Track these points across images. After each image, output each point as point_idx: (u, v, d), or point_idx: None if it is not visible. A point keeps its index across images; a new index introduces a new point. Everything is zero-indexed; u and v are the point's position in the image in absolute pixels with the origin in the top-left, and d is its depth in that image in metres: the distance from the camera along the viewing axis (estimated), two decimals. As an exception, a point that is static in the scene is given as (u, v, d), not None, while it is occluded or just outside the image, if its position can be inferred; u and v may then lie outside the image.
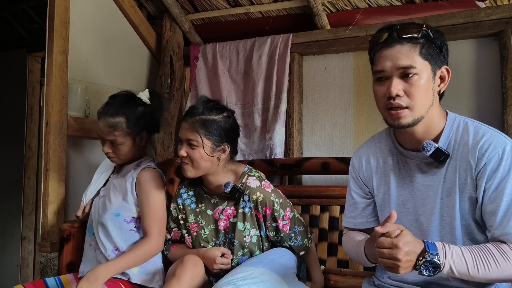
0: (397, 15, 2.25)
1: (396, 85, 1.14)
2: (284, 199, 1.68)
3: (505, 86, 2.00)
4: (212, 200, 1.70)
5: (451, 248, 1.06)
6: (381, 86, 1.18)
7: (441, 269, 1.04)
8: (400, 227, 1.05)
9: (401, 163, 1.28)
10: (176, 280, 1.49)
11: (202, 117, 1.59)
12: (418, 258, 1.03)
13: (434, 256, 1.02)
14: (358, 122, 2.38)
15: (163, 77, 2.70)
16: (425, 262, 1.02)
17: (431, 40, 1.16)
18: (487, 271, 1.05)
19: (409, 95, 1.14)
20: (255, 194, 1.62)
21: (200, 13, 2.69)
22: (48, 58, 2.09)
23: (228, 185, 1.60)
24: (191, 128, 1.59)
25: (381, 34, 1.19)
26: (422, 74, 1.14)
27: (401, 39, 1.15)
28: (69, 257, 1.78)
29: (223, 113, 1.64)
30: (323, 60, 2.49)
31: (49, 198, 2.05)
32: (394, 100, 1.14)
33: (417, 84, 1.14)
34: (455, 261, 1.05)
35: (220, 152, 1.62)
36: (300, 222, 1.70)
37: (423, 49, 1.15)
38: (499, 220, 1.10)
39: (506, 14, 2.02)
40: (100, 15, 2.46)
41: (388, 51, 1.16)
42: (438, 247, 1.05)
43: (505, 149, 1.13)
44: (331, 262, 1.98)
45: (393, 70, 1.15)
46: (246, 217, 1.63)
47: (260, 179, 1.67)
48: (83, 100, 2.29)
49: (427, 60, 1.15)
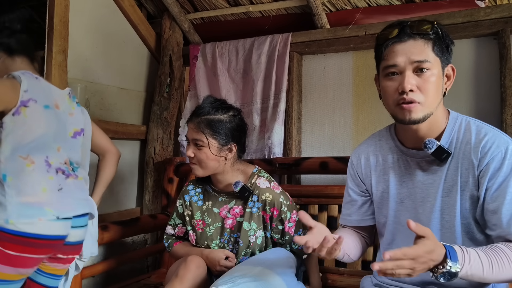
0: (397, 14, 2.25)
1: (410, 80, 1.12)
2: (291, 201, 1.69)
3: (504, 86, 2.00)
4: (220, 198, 1.70)
5: (469, 252, 1.03)
6: (392, 82, 1.16)
7: (457, 276, 1.00)
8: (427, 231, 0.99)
9: (402, 161, 1.28)
10: (179, 281, 1.49)
11: (207, 117, 1.59)
12: (438, 266, 0.99)
13: (455, 265, 0.98)
14: (357, 122, 2.38)
15: (162, 77, 2.71)
16: (444, 272, 0.99)
17: (441, 37, 1.16)
18: (501, 272, 1.04)
19: (422, 90, 1.13)
20: (264, 194, 1.62)
21: (199, 12, 2.69)
22: (48, 57, 2.09)
23: (238, 184, 1.61)
24: (197, 128, 1.59)
25: (391, 29, 1.17)
26: (434, 70, 1.13)
27: (414, 35, 1.14)
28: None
29: (228, 112, 1.64)
30: (322, 60, 2.49)
31: (48, 197, 2.05)
32: (407, 95, 1.13)
33: (430, 80, 1.13)
34: (472, 266, 1.02)
35: (227, 152, 1.63)
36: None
37: (435, 46, 1.14)
38: (502, 220, 1.10)
39: (505, 14, 2.02)
40: (99, 15, 2.46)
41: (401, 46, 1.14)
42: (458, 254, 1.00)
43: (508, 148, 1.13)
44: (329, 261, 1.98)
45: (407, 64, 1.13)
46: (253, 217, 1.63)
47: (269, 180, 1.68)
48: (83, 99, 2.29)
49: (438, 57, 1.15)
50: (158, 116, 2.67)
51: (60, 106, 1.58)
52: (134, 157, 2.72)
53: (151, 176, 2.64)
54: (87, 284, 2.28)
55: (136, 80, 2.75)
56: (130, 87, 2.69)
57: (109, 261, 2.08)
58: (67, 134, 1.60)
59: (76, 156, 1.65)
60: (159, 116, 2.67)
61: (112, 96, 2.55)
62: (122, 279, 2.24)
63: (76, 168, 1.65)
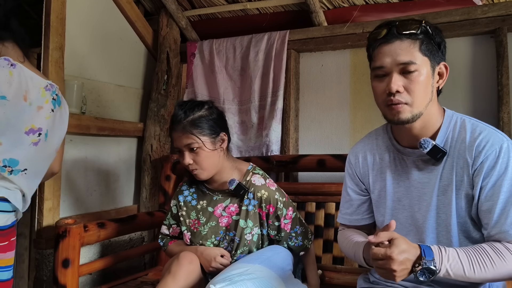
0: (394, 12, 2.25)
1: (396, 81, 1.13)
2: (287, 198, 1.69)
3: (501, 84, 2.00)
4: (215, 197, 1.70)
5: (447, 251, 1.06)
6: (380, 83, 1.18)
7: (437, 274, 1.03)
8: (394, 235, 1.04)
9: (398, 160, 1.28)
10: (172, 277, 1.49)
11: (188, 119, 1.58)
12: (414, 264, 1.03)
13: (430, 262, 1.02)
14: (355, 120, 2.38)
15: (159, 74, 2.70)
16: (421, 269, 1.02)
17: (430, 36, 1.16)
18: (483, 272, 1.05)
19: (409, 91, 1.14)
20: (260, 191, 1.62)
21: (197, 9, 2.68)
22: (44, 54, 2.08)
23: (233, 182, 1.61)
24: (184, 133, 1.58)
25: (380, 30, 1.18)
26: (421, 70, 1.14)
27: (401, 35, 1.15)
28: (64, 254, 1.78)
29: (204, 107, 1.63)
30: (320, 57, 2.49)
31: (45, 194, 2.04)
32: (394, 97, 1.14)
33: (417, 80, 1.13)
34: (451, 265, 1.04)
35: (220, 143, 1.63)
36: (302, 223, 1.71)
37: (422, 45, 1.14)
38: (496, 218, 1.10)
39: (502, 12, 2.02)
40: (96, 11, 2.45)
41: (388, 47, 1.15)
42: (434, 252, 1.04)
43: (502, 146, 1.13)
44: (327, 258, 1.99)
45: (393, 66, 1.14)
46: (249, 214, 1.63)
47: (264, 177, 1.68)
48: (80, 96, 2.28)
49: (426, 56, 1.15)
50: (155, 113, 2.66)
51: (28, 98, 1.46)
52: (131, 155, 2.72)
53: (148, 174, 2.64)
54: (84, 282, 2.28)
55: (133, 77, 2.75)
56: (127, 84, 2.69)
57: (106, 258, 2.08)
58: (21, 129, 1.46)
59: (21, 155, 1.46)
60: (156, 113, 2.66)
61: (109, 93, 2.54)
62: (119, 276, 2.24)
63: (17, 171, 1.46)
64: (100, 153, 2.48)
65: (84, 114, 2.32)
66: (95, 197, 2.44)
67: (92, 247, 2.32)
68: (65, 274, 1.77)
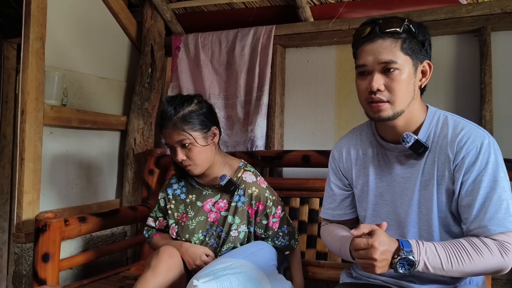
0: (380, 9, 2.26)
1: (377, 80, 1.15)
2: (276, 197, 1.69)
3: (483, 82, 2.03)
4: (204, 192, 1.69)
5: (425, 245, 1.08)
6: (363, 80, 1.19)
7: (416, 266, 1.05)
8: (374, 227, 1.07)
9: (381, 155, 1.30)
10: (152, 271, 1.47)
11: (179, 115, 1.56)
12: (393, 256, 1.05)
13: (408, 253, 1.04)
14: (339, 116, 2.38)
15: (143, 67, 2.66)
16: (400, 259, 1.04)
17: (412, 34, 1.17)
18: (461, 266, 1.07)
19: (390, 90, 1.15)
20: (251, 188, 1.62)
21: (182, 1, 2.65)
22: (24, 45, 2.02)
23: (224, 177, 1.60)
24: (175, 130, 1.55)
25: (364, 28, 1.19)
26: (403, 69, 1.15)
27: (383, 34, 1.15)
28: (44, 248, 1.75)
29: (193, 101, 1.61)
30: (306, 53, 2.48)
31: (24, 188, 2.00)
32: (375, 95, 1.15)
33: (398, 79, 1.14)
34: (429, 258, 1.06)
35: (211, 137, 1.62)
36: (289, 223, 1.71)
37: (404, 44, 1.15)
38: (475, 213, 1.12)
39: (486, 11, 2.05)
40: (79, 1, 2.40)
41: (370, 46, 1.16)
42: (412, 245, 1.06)
43: (483, 143, 1.15)
44: (310, 254, 1.99)
45: (375, 64, 1.16)
46: (237, 211, 1.62)
47: (255, 174, 1.68)
48: (60, 88, 2.23)
49: (408, 55, 1.16)
50: (139, 106, 2.63)
51: None
52: (114, 148, 2.68)
53: (131, 168, 2.60)
54: (65, 276, 2.24)
55: (117, 69, 2.70)
56: (110, 77, 2.64)
57: (87, 253, 2.05)
58: None
59: None
60: (140, 106, 2.62)
61: (91, 86, 2.49)
62: (101, 271, 2.21)
63: None
64: (82, 146, 2.43)
65: (65, 106, 2.27)
66: (76, 191, 2.40)
67: (73, 241, 2.28)
68: (45, 268, 1.74)
